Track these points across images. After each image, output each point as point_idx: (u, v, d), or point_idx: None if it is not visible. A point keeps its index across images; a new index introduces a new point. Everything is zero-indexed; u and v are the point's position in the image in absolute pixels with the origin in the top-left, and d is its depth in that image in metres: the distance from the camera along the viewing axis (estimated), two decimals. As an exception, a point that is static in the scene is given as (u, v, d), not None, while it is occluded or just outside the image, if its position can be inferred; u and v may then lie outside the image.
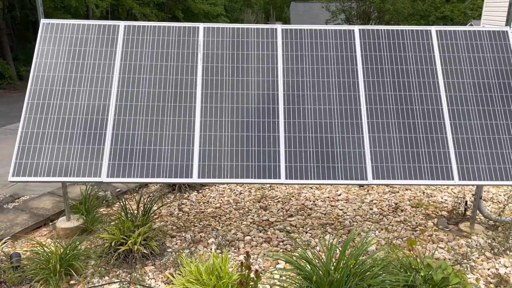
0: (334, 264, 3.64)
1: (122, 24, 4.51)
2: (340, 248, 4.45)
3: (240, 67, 4.42)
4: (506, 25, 4.57)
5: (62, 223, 4.92)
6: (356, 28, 4.61)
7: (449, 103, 4.31)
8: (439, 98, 4.32)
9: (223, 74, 4.38)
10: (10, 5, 19.96)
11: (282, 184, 4.06)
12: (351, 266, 3.56)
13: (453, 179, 4.05)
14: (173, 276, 4.06)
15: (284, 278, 3.69)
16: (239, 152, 4.14)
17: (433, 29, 4.60)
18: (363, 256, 4.42)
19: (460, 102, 4.32)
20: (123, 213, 4.65)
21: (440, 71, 4.42)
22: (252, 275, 3.57)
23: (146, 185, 6.53)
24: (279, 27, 4.58)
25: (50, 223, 5.22)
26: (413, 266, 3.74)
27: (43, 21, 4.39)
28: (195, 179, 4.01)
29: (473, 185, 5.04)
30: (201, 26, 4.55)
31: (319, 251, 4.52)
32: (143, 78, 4.32)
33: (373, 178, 4.06)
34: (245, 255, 4.45)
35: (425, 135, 4.20)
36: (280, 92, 4.35)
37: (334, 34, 4.57)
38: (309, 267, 3.65)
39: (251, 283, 3.55)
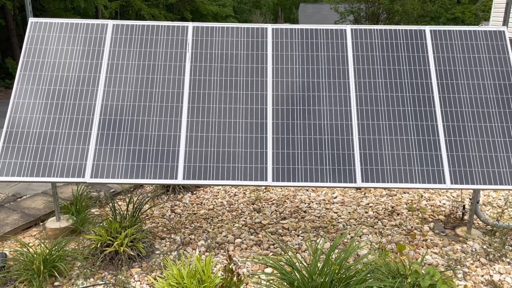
0: (319, 268, 3.54)
1: (110, 23, 4.46)
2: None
3: (229, 66, 4.35)
4: (503, 25, 4.43)
5: (52, 223, 4.89)
6: (348, 27, 4.51)
7: (443, 105, 4.19)
8: (432, 100, 4.20)
9: (212, 74, 4.31)
10: (21, 6, 20.11)
11: (269, 186, 3.98)
12: (336, 271, 3.46)
13: (445, 182, 3.93)
14: (156, 280, 4.00)
15: (269, 283, 3.60)
16: (226, 153, 4.06)
17: (427, 29, 4.48)
18: (352, 260, 4.32)
19: (454, 104, 4.20)
20: (111, 214, 4.61)
21: (434, 71, 4.30)
22: (234, 279, 3.49)
23: (141, 186, 6.49)
24: (269, 26, 4.51)
25: (41, 223, 5.19)
26: (401, 272, 3.64)
27: (31, 20, 4.37)
28: (180, 180, 3.94)
29: (465, 189, 4.91)
30: (190, 25, 4.49)
31: (310, 255, 4.42)
32: (130, 78, 4.26)
33: (363, 181, 3.96)
34: (227, 259, 4.38)
35: (417, 137, 4.09)
36: (269, 93, 4.26)
37: (326, 33, 4.48)
38: (295, 272, 3.56)
39: (233, 287, 3.47)
